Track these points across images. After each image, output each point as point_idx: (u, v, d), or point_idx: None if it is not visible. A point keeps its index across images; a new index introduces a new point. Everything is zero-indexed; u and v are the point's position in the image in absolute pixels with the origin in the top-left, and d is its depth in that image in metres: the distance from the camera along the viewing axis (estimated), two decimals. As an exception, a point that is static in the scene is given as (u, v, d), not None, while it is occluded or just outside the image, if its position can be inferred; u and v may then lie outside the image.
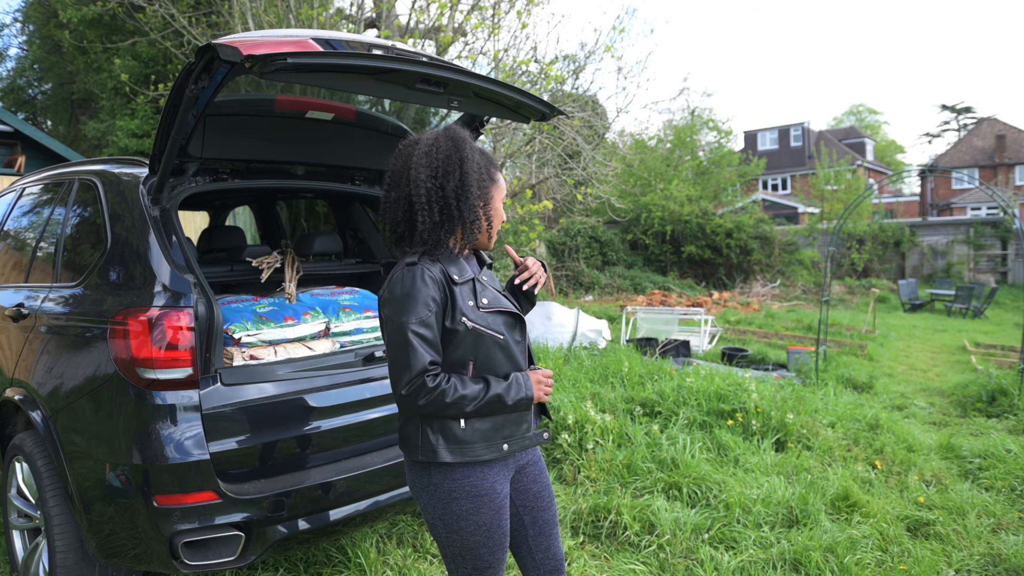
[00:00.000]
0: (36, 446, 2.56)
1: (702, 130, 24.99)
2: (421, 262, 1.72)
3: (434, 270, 1.71)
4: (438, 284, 1.70)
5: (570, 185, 9.23)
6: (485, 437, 1.74)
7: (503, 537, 1.79)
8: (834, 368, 7.57)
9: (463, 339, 1.72)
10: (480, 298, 1.77)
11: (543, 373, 1.84)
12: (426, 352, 1.65)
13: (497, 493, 1.78)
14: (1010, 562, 3.08)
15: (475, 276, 1.81)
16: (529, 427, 1.85)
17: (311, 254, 3.44)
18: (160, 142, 2.37)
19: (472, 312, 1.73)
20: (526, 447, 1.85)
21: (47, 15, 16.19)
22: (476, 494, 1.74)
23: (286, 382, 2.52)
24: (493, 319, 1.77)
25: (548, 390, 1.84)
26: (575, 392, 5.04)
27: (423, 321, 1.66)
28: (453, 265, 1.77)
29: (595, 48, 8.77)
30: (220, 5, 8.22)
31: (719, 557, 3.04)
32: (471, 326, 1.72)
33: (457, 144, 1.77)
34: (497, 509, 1.77)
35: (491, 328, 1.75)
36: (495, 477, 1.78)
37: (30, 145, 11.22)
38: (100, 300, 2.44)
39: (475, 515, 1.74)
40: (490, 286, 1.85)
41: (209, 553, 2.23)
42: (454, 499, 1.74)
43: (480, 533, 1.75)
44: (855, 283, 20.37)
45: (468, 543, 1.76)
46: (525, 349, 1.87)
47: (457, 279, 1.74)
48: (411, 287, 1.69)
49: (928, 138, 61.26)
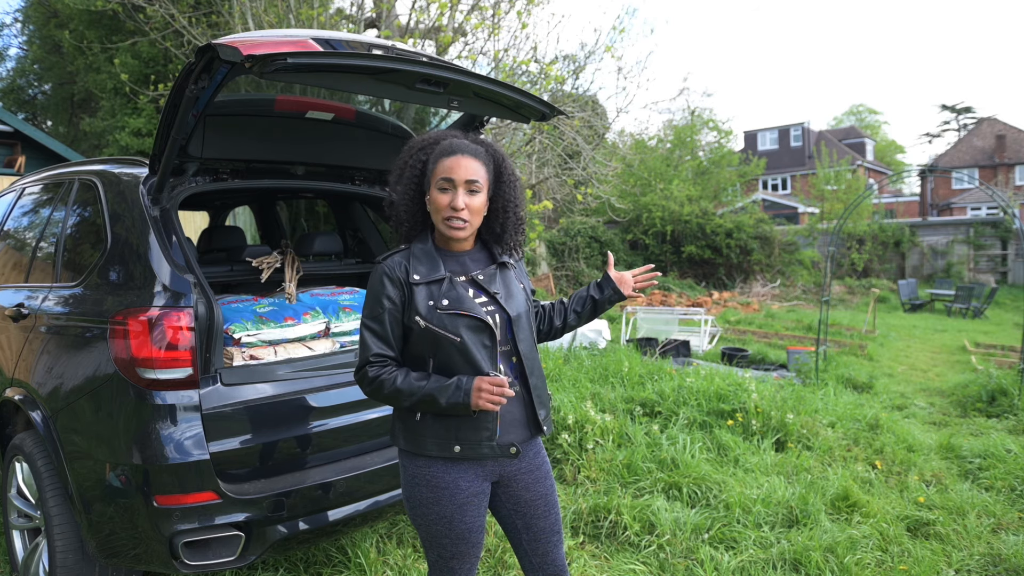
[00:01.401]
0: (36, 446, 2.56)
1: (702, 130, 25.00)
2: (386, 261, 1.83)
3: (395, 269, 1.79)
4: (396, 283, 1.78)
5: (570, 185, 9.23)
6: (436, 435, 1.78)
7: (467, 532, 1.80)
8: (834, 368, 7.57)
9: (419, 337, 1.77)
10: (440, 299, 1.77)
11: (491, 380, 1.70)
12: (373, 344, 1.78)
13: (460, 489, 1.79)
14: (1010, 562, 3.08)
15: (448, 275, 1.80)
16: (491, 435, 1.78)
17: (311, 254, 3.44)
18: (160, 142, 2.37)
19: (428, 312, 1.75)
20: (485, 456, 1.80)
21: (47, 15, 16.20)
22: (435, 485, 1.79)
23: (286, 382, 2.52)
24: (451, 321, 1.75)
25: (492, 399, 1.69)
26: (575, 392, 5.04)
27: (374, 316, 1.79)
28: (424, 264, 1.81)
29: (595, 48, 8.78)
30: (220, 5, 8.22)
31: (719, 557, 3.04)
32: (424, 325, 1.75)
33: (410, 143, 1.90)
34: (460, 504, 1.79)
35: (446, 329, 1.75)
36: (459, 473, 1.79)
37: (30, 145, 11.22)
38: (100, 300, 2.44)
39: (435, 505, 1.79)
40: (478, 285, 1.82)
41: (209, 553, 2.23)
42: (416, 485, 1.81)
43: (440, 523, 1.79)
44: (855, 283, 20.37)
45: (431, 530, 1.81)
46: (495, 354, 1.79)
47: (418, 278, 1.78)
48: (371, 285, 1.82)
49: (928, 138, 61.29)
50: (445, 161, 1.79)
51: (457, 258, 1.86)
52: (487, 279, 1.85)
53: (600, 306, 2.11)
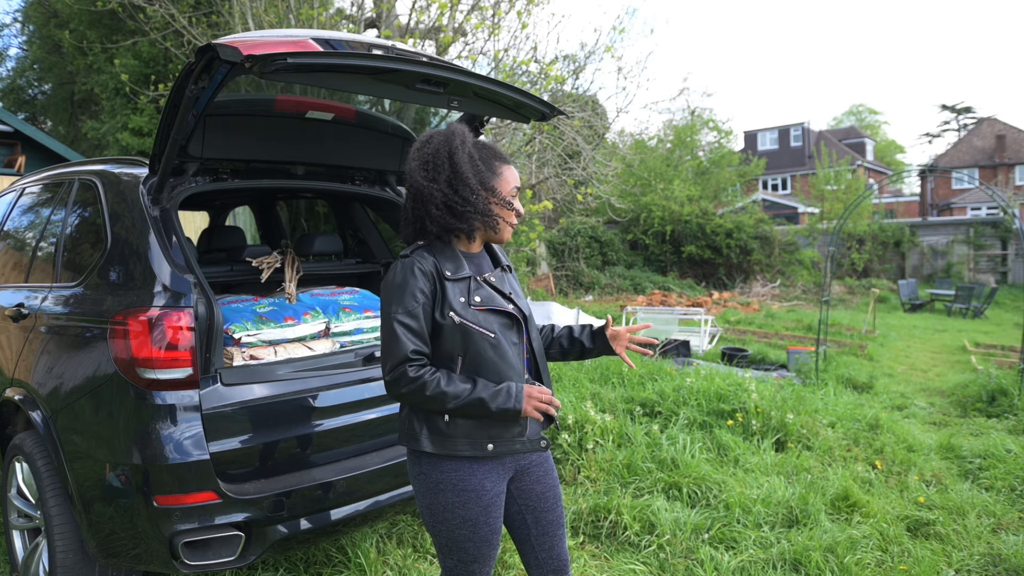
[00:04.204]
0: (36, 446, 2.56)
1: (702, 130, 25.02)
2: (414, 255, 1.77)
3: (426, 263, 1.75)
4: (428, 276, 1.74)
5: (570, 185, 9.23)
6: (468, 434, 1.75)
7: (491, 534, 1.79)
8: (834, 368, 7.57)
9: (451, 333, 1.74)
10: (473, 295, 1.78)
11: (540, 390, 1.76)
12: (409, 341, 1.69)
13: (486, 490, 1.78)
14: (1010, 562, 3.08)
15: (473, 274, 1.82)
16: (523, 431, 1.81)
17: (311, 254, 3.44)
18: (160, 142, 2.37)
19: (462, 308, 1.74)
20: (517, 452, 1.82)
21: (47, 15, 16.20)
22: (462, 488, 1.76)
23: (286, 382, 2.52)
24: (485, 317, 1.77)
25: (543, 407, 1.75)
26: (575, 392, 5.04)
27: (409, 311, 1.71)
28: (450, 261, 1.79)
29: (595, 48, 8.77)
30: (220, 5, 8.21)
31: (719, 557, 3.04)
32: (458, 321, 1.73)
33: (447, 137, 1.80)
34: (485, 506, 1.77)
35: (481, 326, 1.75)
36: (484, 474, 1.78)
37: (30, 145, 11.22)
38: (100, 300, 2.44)
39: (461, 509, 1.76)
40: (492, 286, 1.85)
41: (209, 553, 2.23)
42: (440, 491, 1.76)
43: (466, 527, 1.76)
44: (855, 283, 20.37)
45: (454, 535, 1.77)
46: (522, 351, 1.85)
47: (450, 274, 1.76)
48: (401, 278, 1.74)
49: (928, 138, 61.35)
50: (510, 169, 1.86)
51: (471, 259, 1.88)
52: (498, 280, 1.89)
53: (587, 354, 2.13)
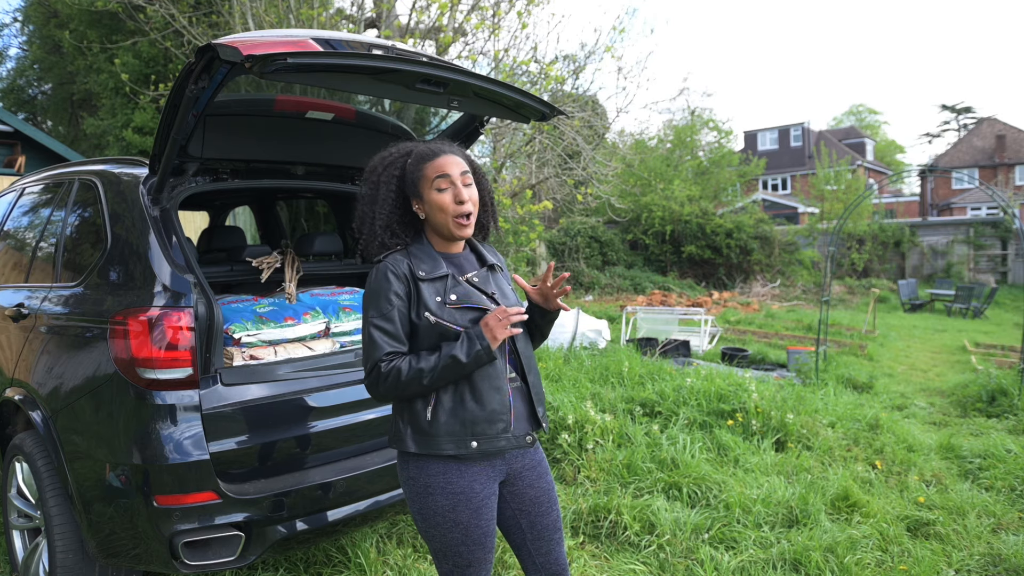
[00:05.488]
0: (36, 446, 2.56)
1: (702, 130, 25.01)
2: (387, 259, 1.80)
3: (399, 266, 1.78)
4: (402, 279, 1.77)
5: (570, 185, 9.23)
6: (451, 432, 1.75)
7: (483, 537, 1.79)
8: (834, 368, 7.57)
9: (428, 333, 1.76)
10: (449, 294, 1.78)
11: (495, 313, 1.71)
12: (385, 344, 1.73)
13: (475, 492, 1.77)
14: (1010, 562, 3.08)
15: (451, 273, 1.82)
16: (507, 427, 1.79)
17: (311, 254, 3.44)
18: (160, 142, 2.37)
19: (437, 308, 1.76)
20: (503, 449, 1.80)
21: (47, 15, 16.20)
22: (452, 491, 1.76)
23: (286, 382, 2.52)
24: (461, 315, 1.77)
25: (508, 321, 1.69)
26: (575, 392, 5.04)
27: (383, 314, 1.74)
28: (425, 262, 1.81)
29: (595, 48, 8.77)
30: (220, 5, 8.21)
31: (719, 557, 3.04)
32: (434, 321, 1.75)
33: (370, 169, 1.91)
34: (475, 509, 1.77)
35: (457, 324, 1.76)
36: (473, 476, 1.78)
37: (30, 145, 11.22)
38: (100, 300, 2.44)
39: (451, 512, 1.76)
40: (474, 286, 1.84)
41: (209, 553, 2.23)
42: (430, 494, 1.77)
43: (457, 531, 1.76)
44: (855, 283, 20.37)
45: (446, 539, 1.77)
46: (504, 350, 1.83)
47: (424, 275, 1.78)
48: (375, 283, 1.78)
49: (928, 138, 61.24)
50: (433, 162, 1.82)
51: (451, 260, 1.88)
52: (481, 280, 1.88)
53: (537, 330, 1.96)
